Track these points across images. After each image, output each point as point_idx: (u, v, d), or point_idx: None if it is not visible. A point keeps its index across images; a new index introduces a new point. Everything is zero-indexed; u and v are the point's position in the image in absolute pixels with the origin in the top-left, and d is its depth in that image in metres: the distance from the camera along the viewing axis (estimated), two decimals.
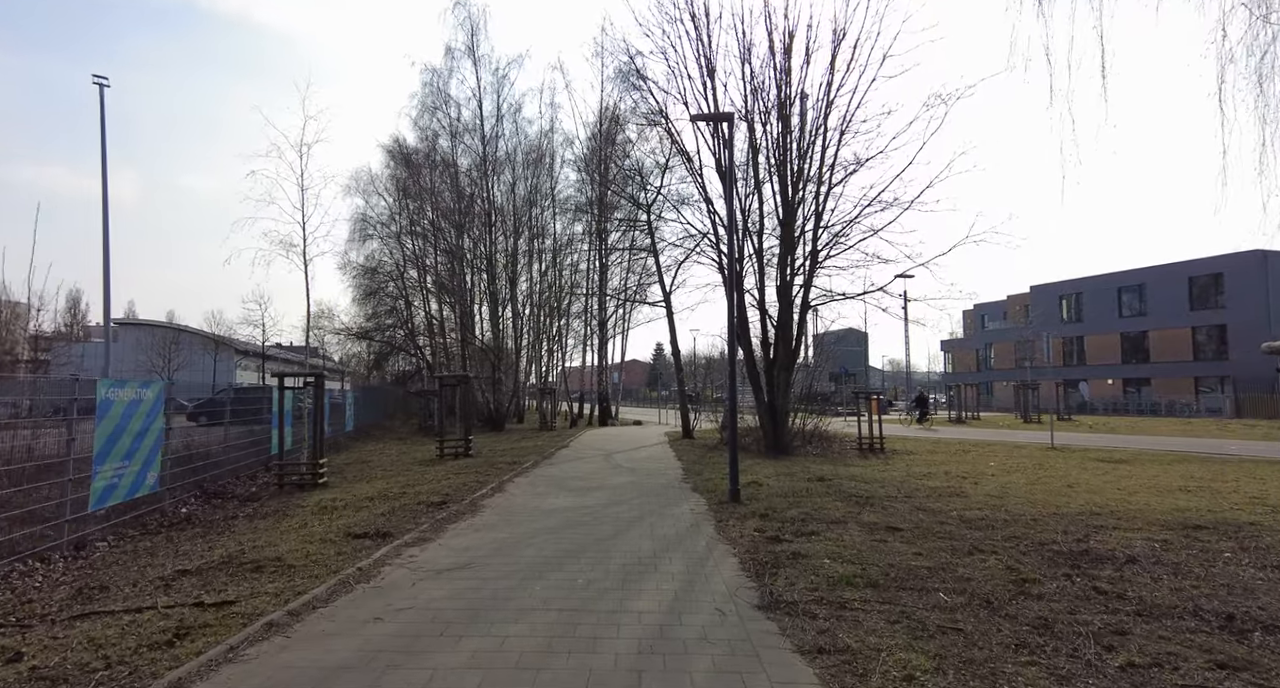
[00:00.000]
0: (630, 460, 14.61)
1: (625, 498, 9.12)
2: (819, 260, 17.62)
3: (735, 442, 8.99)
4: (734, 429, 9.16)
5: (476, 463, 13.39)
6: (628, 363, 55.14)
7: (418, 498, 8.85)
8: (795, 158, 17.09)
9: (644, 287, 30.84)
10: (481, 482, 10.43)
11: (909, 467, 13.70)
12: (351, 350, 41.99)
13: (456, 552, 5.93)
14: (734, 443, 8.98)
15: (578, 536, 6.60)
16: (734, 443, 8.98)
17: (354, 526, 6.98)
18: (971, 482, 11.11)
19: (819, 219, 17.38)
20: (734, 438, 9.02)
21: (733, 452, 8.82)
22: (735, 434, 9.07)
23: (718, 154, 17.42)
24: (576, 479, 11.14)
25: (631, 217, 24.14)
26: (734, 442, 8.98)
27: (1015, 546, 6.14)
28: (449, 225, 32.30)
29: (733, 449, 8.86)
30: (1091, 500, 8.80)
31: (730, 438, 8.96)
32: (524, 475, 11.60)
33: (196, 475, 9.97)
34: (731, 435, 9.03)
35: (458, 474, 11.54)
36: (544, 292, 32.58)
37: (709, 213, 18.48)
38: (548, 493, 9.51)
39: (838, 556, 5.71)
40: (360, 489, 10.14)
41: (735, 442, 8.99)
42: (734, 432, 9.07)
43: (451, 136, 31.14)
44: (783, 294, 17.60)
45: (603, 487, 10.22)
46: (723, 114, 9.11)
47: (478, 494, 9.17)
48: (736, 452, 8.83)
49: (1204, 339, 41.35)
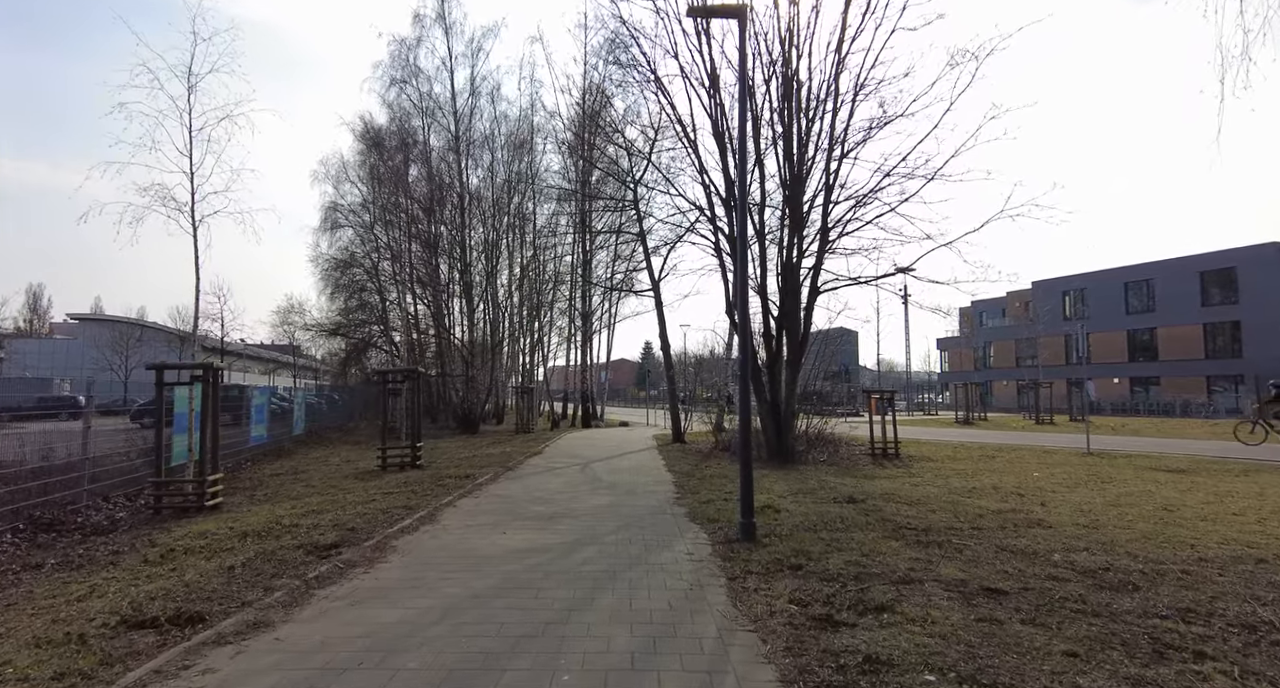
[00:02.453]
0: (611, 472, 12.21)
1: (598, 533, 6.70)
2: (830, 239, 15.36)
3: (749, 453, 6.55)
4: (747, 436, 6.70)
5: (421, 477, 10.94)
6: (615, 362, 52.76)
7: (310, 535, 6.39)
8: (803, 121, 14.80)
9: (631, 275, 28.44)
10: (411, 506, 7.98)
11: (943, 479, 11.42)
12: (333, 348, 39.42)
13: (291, 660, 3.49)
14: (747, 455, 6.53)
15: (513, 616, 4.16)
16: (747, 455, 6.53)
17: (164, 593, 4.52)
18: (1036, 501, 8.83)
19: (829, 192, 15.10)
20: (747, 448, 6.58)
21: (746, 472, 6.35)
22: (748, 442, 6.64)
23: (714, 114, 15.07)
24: (539, 502, 8.72)
25: (618, 195, 21.73)
26: (747, 454, 6.54)
27: (1217, 632, 3.81)
28: (420, 211, 29.84)
29: (745, 467, 6.40)
30: (1224, 534, 6.53)
31: (743, 450, 6.50)
32: (473, 495, 9.15)
33: (28, 499, 7.47)
34: (744, 446, 6.57)
35: (388, 494, 9.09)
36: (525, 284, 30.12)
37: (704, 184, 16.14)
38: (493, 525, 7.08)
39: (943, 663, 3.35)
40: (253, 517, 7.67)
41: (749, 453, 6.55)
42: (747, 440, 6.62)
43: (423, 114, 28.63)
44: (788, 278, 15.29)
45: (570, 513, 7.80)
46: (731, 8, 6.72)
47: (396, 528, 6.73)
48: (750, 471, 6.39)
49: (1216, 336, 39.58)
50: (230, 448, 14.56)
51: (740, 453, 6.34)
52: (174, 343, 48.99)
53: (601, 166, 22.34)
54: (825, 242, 15.17)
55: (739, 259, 7.73)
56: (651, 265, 21.07)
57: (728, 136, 15.16)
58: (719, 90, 15.14)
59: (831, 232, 15.35)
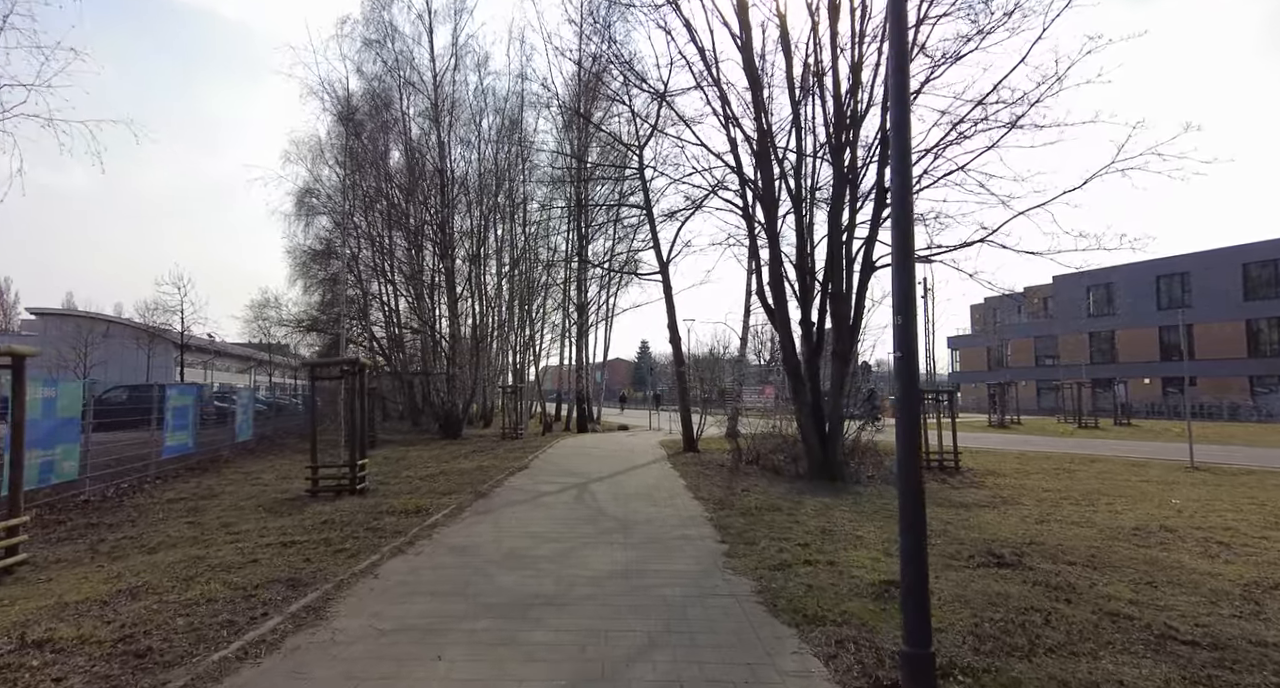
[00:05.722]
0: (618, 498, 9.10)
1: (612, 661, 3.58)
2: (887, 203, 12.34)
3: (920, 520, 3.43)
4: (913, 482, 3.57)
5: (353, 511, 7.78)
6: (611, 362, 49.64)
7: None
8: (857, 51, 11.81)
9: (634, 257, 25.37)
10: (301, 579, 4.85)
11: (1053, 507, 8.49)
12: (311, 344, 36.27)
13: None
14: (918, 529, 3.43)
15: None
16: (918, 529, 3.43)
17: None
18: (1254, 553, 5.83)
19: (886, 146, 12.07)
20: (918, 509, 3.54)
21: (916, 564, 3.22)
22: (920, 501, 3.53)
23: (743, 39, 12.01)
24: (512, 564, 5.59)
25: (619, 163, 18.67)
26: (918, 526, 3.41)
27: None
28: (397, 190, 26.70)
29: (916, 553, 3.27)
30: None
31: (906, 511, 3.37)
32: (414, 549, 6.01)
33: None
34: (910, 508, 3.43)
35: (287, 546, 5.94)
36: (517, 275, 27.01)
37: (729, 137, 13.07)
38: (424, 634, 3.94)
39: None
40: (27, 605, 4.55)
41: (920, 520, 3.43)
42: (914, 500, 3.53)
43: (400, 84, 25.42)
44: (835, 251, 12.27)
45: (561, 596, 4.67)
46: None
47: (235, 648, 3.61)
48: (924, 544, 3.27)
49: (1260, 333, 36.75)
50: (132, 462, 11.45)
51: (902, 516, 3.19)
52: (143, 340, 45.64)
53: (606, 130, 19.21)
54: (882, 204, 12.16)
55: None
56: (659, 244, 18.00)
57: (761, 68, 12.13)
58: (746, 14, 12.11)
59: (887, 194, 12.36)
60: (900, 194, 3.22)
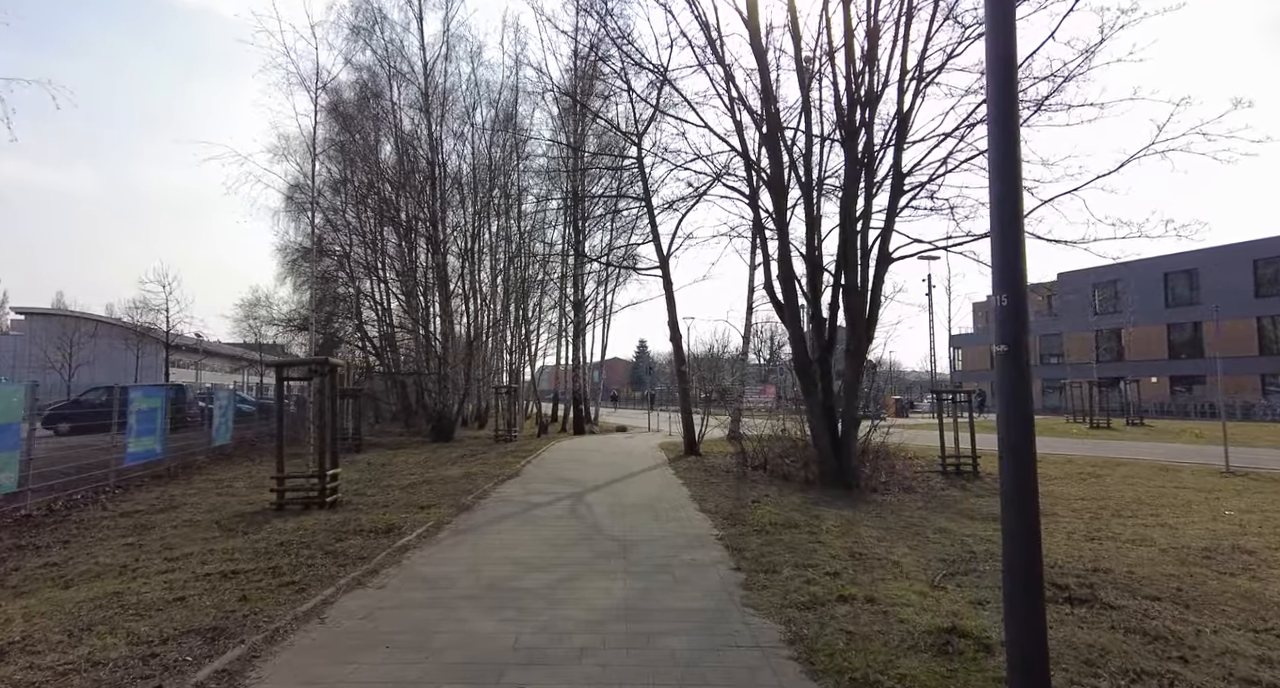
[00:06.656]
0: (616, 513, 8.20)
1: None
2: (905, 189, 11.48)
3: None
4: (1030, 516, 2.67)
5: (317, 529, 6.87)
6: (608, 361, 48.78)
7: None
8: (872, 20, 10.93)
9: (633, 251, 24.48)
10: (224, 628, 3.95)
11: (1099, 522, 7.64)
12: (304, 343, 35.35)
13: None
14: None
15: None
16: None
17: None
18: None
19: (903, 128, 11.26)
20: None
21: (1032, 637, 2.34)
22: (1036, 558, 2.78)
23: (749, 11, 11.12)
24: (490, 603, 4.69)
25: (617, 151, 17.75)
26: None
27: None
28: (387, 185, 25.77)
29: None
30: None
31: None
32: (375, 581, 5.11)
33: None
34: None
35: (227, 577, 5.04)
36: (512, 272, 26.10)
37: (735, 120, 12.17)
38: None
39: None
40: None
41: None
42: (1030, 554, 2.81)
43: (390, 74, 24.47)
44: (849, 240, 11.39)
45: (546, 658, 3.64)
46: None
47: None
48: (1040, 602, 2.37)
49: (1272, 330, 35.99)
50: (90, 470, 10.58)
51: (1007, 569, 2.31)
52: (132, 340, 44.57)
53: (604, 119, 18.30)
54: (899, 191, 11.31)
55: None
56: (659, 237, 17.11)
57: (768, 44, 11.25)
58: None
59: (908, 178, 11.50)
60: (1004, 121, 2.34)
